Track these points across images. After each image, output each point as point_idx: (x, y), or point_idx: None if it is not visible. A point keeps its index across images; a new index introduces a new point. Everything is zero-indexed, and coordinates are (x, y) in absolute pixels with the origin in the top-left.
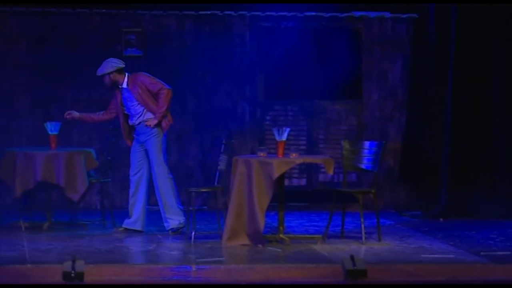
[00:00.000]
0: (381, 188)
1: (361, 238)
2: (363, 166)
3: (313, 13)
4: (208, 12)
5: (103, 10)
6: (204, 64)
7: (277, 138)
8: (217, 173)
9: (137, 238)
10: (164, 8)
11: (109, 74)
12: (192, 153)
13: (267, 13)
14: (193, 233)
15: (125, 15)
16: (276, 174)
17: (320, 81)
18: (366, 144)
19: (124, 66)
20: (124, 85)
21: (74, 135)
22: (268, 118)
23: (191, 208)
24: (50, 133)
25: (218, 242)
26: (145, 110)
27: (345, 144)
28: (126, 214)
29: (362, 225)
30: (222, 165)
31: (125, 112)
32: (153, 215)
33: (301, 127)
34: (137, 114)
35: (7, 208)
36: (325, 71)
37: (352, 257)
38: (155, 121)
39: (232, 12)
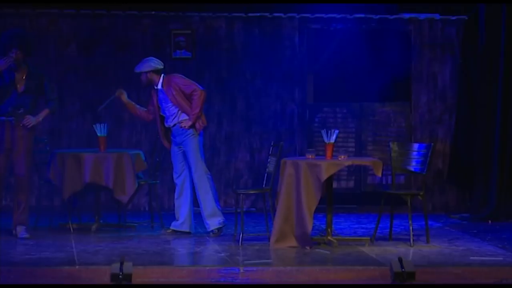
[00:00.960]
0: (429, 190)
1: (409, 240)
2: (411, 168)
3: (363, 15)
4: (258, 14)
5: (153, 12)
6: (253, 66)
7: (325, 140)
8: (266, 175)
9: (185, 239)
10: (213, 10)
11: (146, 72)
12: (241, 155)
13: (317, 15)
14: (241, 235)
15: (174, 17)
16: (324, 176)
17: (369, 83)
18: (415, 146)
19: (162, 67)
20: (159, 86)
21: (123, 137)
22: (317, 120)
23: (239, 210)
24: (99, 135)
25: (266, 244)
26: (179, 112)
27: (394, 146)
28: (174, 216)
29: (411, 227)
30: (270, 167)
31: (161, 113)
32: (201, 216)
33: (349, 129)
34: (172, 115)
35: (56, 209)
36: (374, 73)
37: (400, 259)
38: (189, 123)
39: (281, 14)
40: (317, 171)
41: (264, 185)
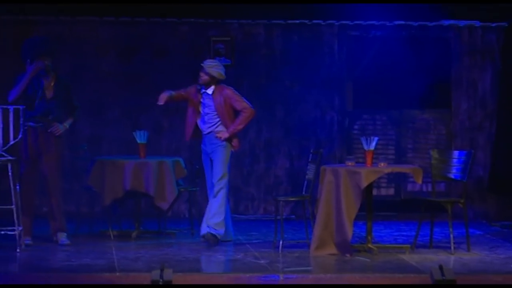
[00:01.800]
0: (470, 198)
1: (450, 248)
2: (452, 176)
3: (402, 22)
4: (297, 21)
5: (192, 19)
6: (292, 72)
7: (365, 147)
8: (305, 182)
9: (225, 246)
10: (252, 17)
11: (211, 75)
12: (280, 162)
13: (356, 22)
14: (280, 242)
15: (213, 24)
16: (364, 184)
17: (408, 90)
18: (455, 153)
19: (223, 79)
20: (210, 91)
21: (163, 144)
22: (356, 127)
23: (279, 217)
24: (139, 142)
25: (305, 251)
26: (219, 123)
27: (434, 154)
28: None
29: (451, 235)
30: (310, 174)
31: (199, 117)
32: (241, 224)
33: (389, 136)
34: (210, 123)
35: (96, 216)
36: (413, 80)
37: (440, 267)
38: (227, 135)
39: (320, 21)
40: (357, 178)
41: (303, 192)
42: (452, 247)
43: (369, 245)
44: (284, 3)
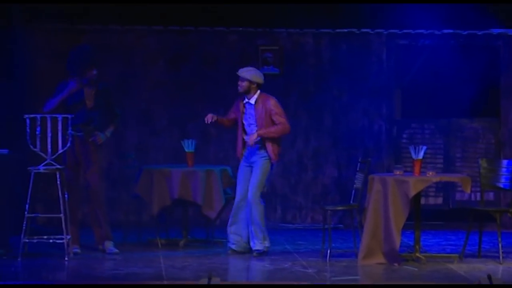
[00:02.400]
0: None
1: (498, 257)
2: (501, 185)
3: (451, 31)
4: (345, 30)
5: (240, 28)
6: (340, 81)
7: (413, 156)
8: (353, 191)
9: (273, 255)
10: (301, 26)
11: (251, 81)
12: (328, 171)
13: (404, 30)
14: (328, 251)
15: (262, 33)
16: (412, 193)
17: (457, 99)
18: (504, 162)
19: (263, 83)
20: (252, 101)
21: (210, 153)
22: (404, 136)
23: (326, 226)
24: (186, 150)
25: (353, 261)
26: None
27: (483, 163)
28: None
29: (500, 244)
30: (358, 183)
31: (244, 129)
32: (289, 233)
33: (438, 145)
34: (252, 133)
35: (144, 225)
36: (462, 88)
37: (489, 277)
38: (255, 135)
39: (369, 30)
40: (405, 187)
41: (351, 201)
42: (501, 257)
43: (417, 254)
44: (332, 11)
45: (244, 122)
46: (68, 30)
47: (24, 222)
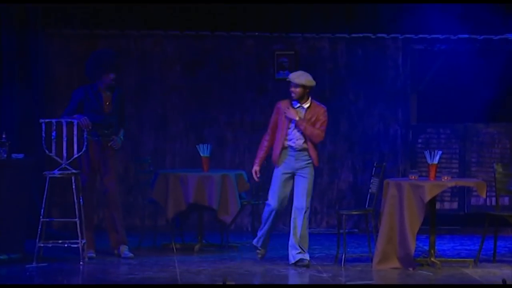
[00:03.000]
0: None
1: None
2: None
3: (467, 36)
4: (361, 35)
5: (256, 33)
6: (356, 86)
7: (429, 161)
8: (368, 195)
9: (288, 260)
10: (316, 31)
11: (305, 86)
12: (344, 176)
13: (420, 35)
14: (343, 256)
15: (278, 38)
16: (427, 197)
17: (473, 104)
18: None
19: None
20: (306, 105)
21: (226, 157)
22: (420, 140)
23: (342, 231)
24: (202, 155)
25: (368, 265)
26: (305, 139)
27: (498, 168)
28: (276, 237)
29: None
30: (373, 188)
31: (287, 132)
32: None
33: (453, 150)
34: (300, 137)
35: (160, 229)
36: (478, 93)
37: (504, 281)
38: (295, 117)
39: (384, 35)
40: (420, 192)
41: (366, 206)
42: None
43: (432, 259)
44: (348, 16)
45: (290, 126)
46: (85, 35)
47: (39, 227)
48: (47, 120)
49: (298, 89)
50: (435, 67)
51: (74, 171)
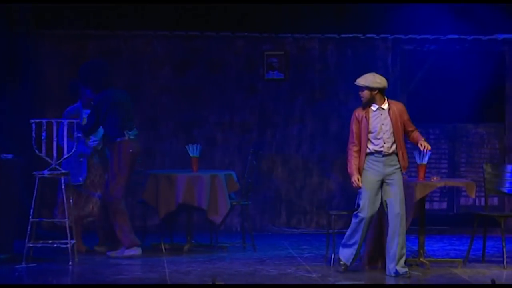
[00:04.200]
0: None
1: (502, 262)
2: (505, 190)
3: (456, 36)
4: (351, 35)
5: (246, 34)
6: (346, 86)
7: (418, 161)
8: (358, 196)
9: (277, 260)
10: (306, 31)
11: (371, 88)
12: (333, 176)
13: (410, 36)
14: (333, 256)
15: (267, 38)
16: (417, 197)
17: (462, 104)
18: (509, 167)
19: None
20: (385, 107)
21: (216, 158)
22: (409, 141)
23: (331, 231)
24: (191, 155)
25: (358, 265)
26: (394, 141)
27: (487, 168)
28: (266, 237)
29: (504, 249)
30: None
31: (370, 136)
32: (293, 237)
33: (442, 150)
34: (390, 142)
35: (149, 230)
36: (467, 94)
37: (493, 281)
38: (429, 146)
39: (374, 35)
40: (410, 192)
41: (356, 206)
42: (505, 262)
43: (421, 259)
44: (338, 16)
45: (372, 131)
46: (75, 36)
47: (29, 227)
48: (37, 121)
49: (364, 92)
50: (425, 67)
51: (63, 171)
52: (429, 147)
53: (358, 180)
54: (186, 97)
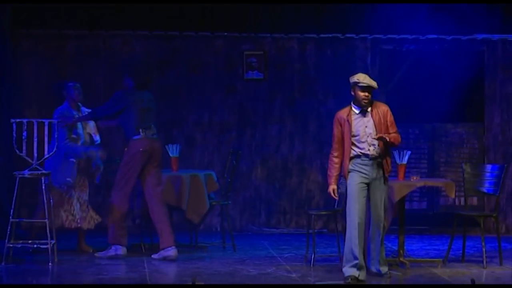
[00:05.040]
0: (502, 212)
1: (482, 262)
2: (484, 190)
3: (435, 36)
4: (330, 35)
5: (225, 34)
6: (325, 86)
7: (397, 161)
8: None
9: (257, 260)
10: (285, 31)
11: (373, 88)
12: (313, 176)
13: (389, 36)
14: (312, 256)
15: (247, 38)
16: (396, 197)
17: (441, 104)
18: (488, 167)
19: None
20: (368, 109)
21: (195, 158)
22: None
23: (311, 231)
24: (171, 155)
25: (337, 265)
26: (377, 144)
27: (467, 167)
28: (245, 237)
29: (483, 249)
30: (342, 188)
31: (354, 140)
32: (273, 237)
33: (422, 150)
34: (375, 145)
35: (129, 229)
36: (446, 93)
37: (473, 281)
38: (387, 139)
39: (353, 35)
40: (389, 192)
41: (335, 206)
42: (485, 261)
43: (401, 259)
44: (317, 16)
45: (355, 134)
46: (53, 35)
47: (9, 227)
48: (18, 120)
49: (369, 93)
50: (404, 67)
51: (44, 171)
52: (384, 139)
53: (334, 191)
54: (165, 97)
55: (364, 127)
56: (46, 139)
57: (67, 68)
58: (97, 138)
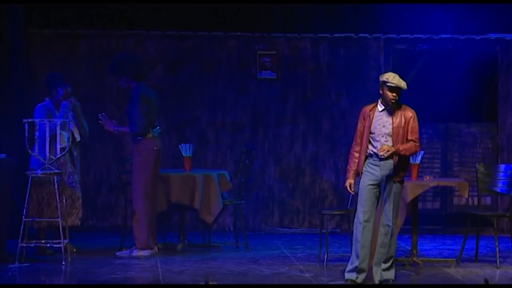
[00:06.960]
0: None
1: (495, 262)
2: (498, 190)
3: (448, 36)
4: (343, 35)
5: (238, 33)
6: (338, 86)
7: (411, 161)
8: (350, 195)
9: (270, 260)
10: (299, 31)
11: (402, 88)
12: (326, 176)
13: (402, 35)
14: (325, 256)
15: (260, 38)
16: (410, 197)
17: (455, 104)
18: (502, 167)
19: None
20: (394, 109)
21: (208, 157)
22: None
23: (324, 231)
24: (184, 155)
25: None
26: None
27: (480, 167)
28: (258, 237)
29: (497, 249)
30: (356, 188)
31: (371, 137)
32: (286, 237)
33: (435, 150)
34: (386, 145)
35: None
36: (460, 93)
37: (486, 281)
38: (392, 151)
39: (367, 35)
40: (403, 192)
41: (349, 206)
42: (498, 261)
43: (414, 259)
44: (330, 16)
45: (373, 131)
46: (66, 35)
47: (22, 227)
48: (30, 120)
49: (397, 93)
50: (417, 67)
51: (56, 171)
52: (385, 152)
53: (350, 186)
54: (178, 97)
55: (381, 126)
56: (58, 138)
57: (80, 68)
58: (78, 136)
